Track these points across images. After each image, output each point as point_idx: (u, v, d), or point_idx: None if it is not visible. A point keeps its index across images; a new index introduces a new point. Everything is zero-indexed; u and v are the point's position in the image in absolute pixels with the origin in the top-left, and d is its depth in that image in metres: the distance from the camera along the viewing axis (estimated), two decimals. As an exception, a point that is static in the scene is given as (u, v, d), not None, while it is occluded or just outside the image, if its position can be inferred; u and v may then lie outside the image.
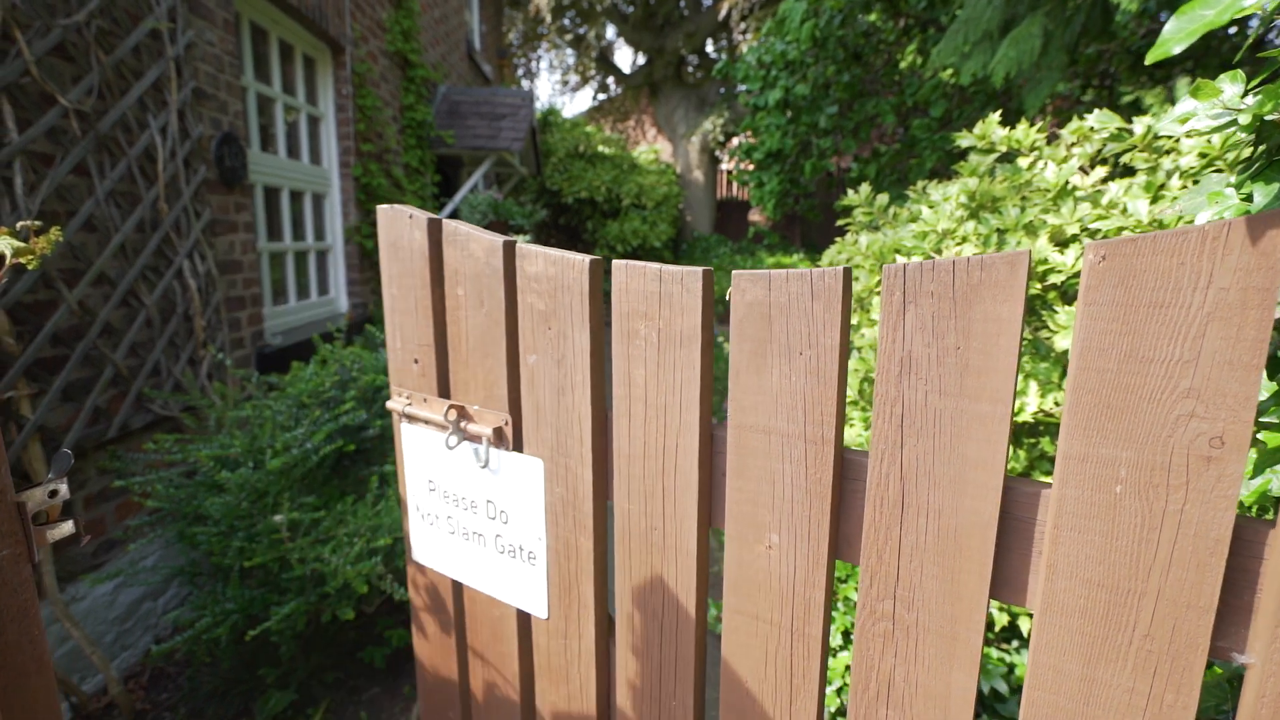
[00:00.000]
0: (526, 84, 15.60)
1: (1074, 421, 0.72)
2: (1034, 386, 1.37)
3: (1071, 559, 0.74)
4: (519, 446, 1.17)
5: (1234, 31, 4.66)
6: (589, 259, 1.02)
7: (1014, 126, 1.78)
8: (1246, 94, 0.70)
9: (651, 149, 12.45)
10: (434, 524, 1.32)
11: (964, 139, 1.76)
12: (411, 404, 1.27)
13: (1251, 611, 0.67)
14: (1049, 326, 1.39)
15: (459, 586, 1.35)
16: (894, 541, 0.85)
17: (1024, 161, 1.68)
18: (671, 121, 13.00)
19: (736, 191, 15.21)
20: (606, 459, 1.11)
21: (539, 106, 11.18)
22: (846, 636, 1.56)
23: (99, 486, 2.30)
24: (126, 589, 2.39)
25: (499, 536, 1.22)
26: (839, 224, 2.38)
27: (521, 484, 1.17)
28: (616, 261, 1.00)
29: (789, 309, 0.88)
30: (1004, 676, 1.41)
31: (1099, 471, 0.71)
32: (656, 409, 1.01)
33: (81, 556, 2.22)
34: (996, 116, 1.73)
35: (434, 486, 1.30)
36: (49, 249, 0.68)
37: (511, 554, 1.22)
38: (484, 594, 1.30)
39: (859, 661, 0.91)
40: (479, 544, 1.25)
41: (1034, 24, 3.72)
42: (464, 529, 1.27)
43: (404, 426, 1.31)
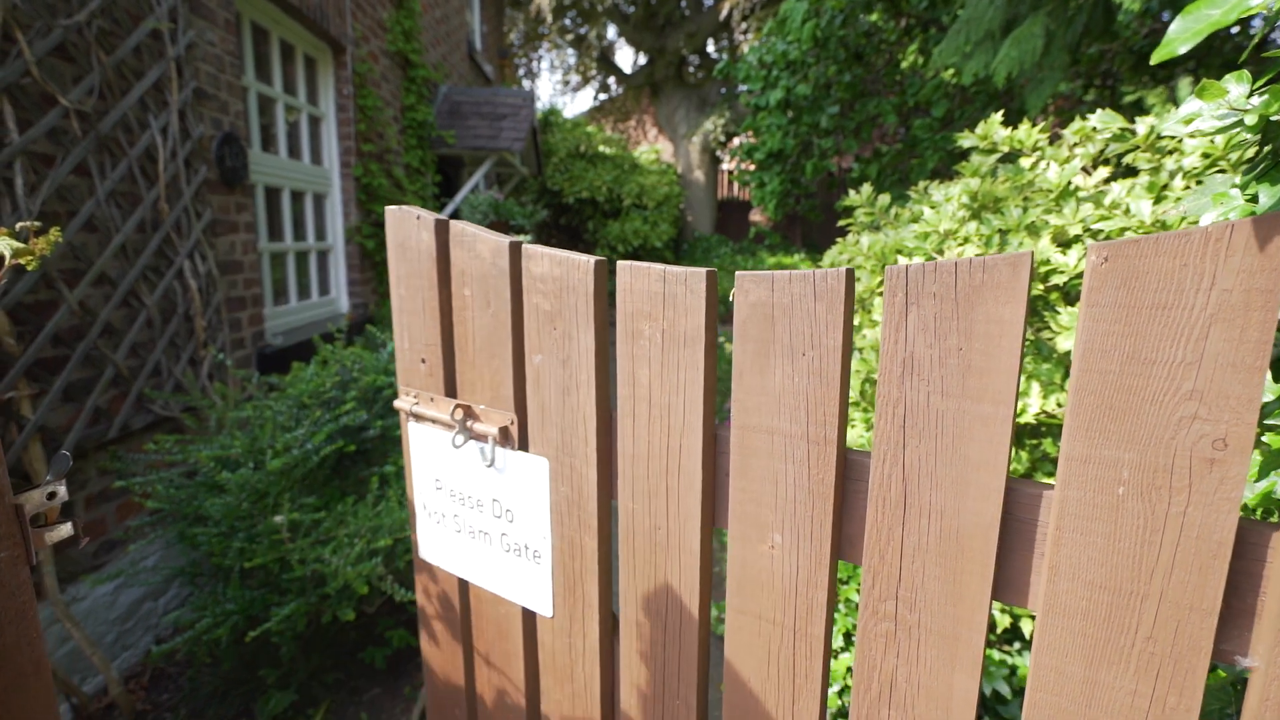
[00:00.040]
0: (527, 84, 15.61)
1: (1076, 423, 0.72)
2: (1036, 388, 1.37)
3: (1074, 561, 0.74)
4: (524, 446, 1.18)
5: (1236, 31, 4.66)
6: (594, 260, 1.03)
7: (1016, 127, 1.78)
8: (1252, 94, 0.69)
9: (652, 149, 12.45)
10: (440, 522, 1.33)
11: (966, 139, 1.76)
12: (419, 403, 1.28)
13: (1255, 614, 0.67)
14: (1051, 327, 1.39)
15: (465, 584, 1.35)
16: (896, 542, 0.85)
17: (1026, 162, 1.68)
18: (673, 121, 13.00)
19: (738, 191, 15.21)
20: (611, 458, 1.11)
21: (540, 106, 11.18)
22: (847, 638, 1.56)
23: (100, 487, 2.30)
24: (127, 589, 2.39)
25: (505, 535, 1.23)
26: (840, 224, 2.38)
27: (527, 483, 1.17)
28: (621, 262, 1.00)
29: (792, 310, 0.88)
30: (1006, 678, 1.40)
31: (1101, 473, 0.71)
32: (660, 409, 1.01)
33: (82, 557, 2.22)
34: (999, 117, 1.73)
35: (440, 485, 1.30)
36: (48, 250, 0.67)
37: (517, 552, 1.22)
38: (489, 592, 1.30)
39: (861, 662, 0.91)
40: (485, 542, 1.26)
41: (1036, 24, 3.72)
42: (470, 527, 1.27)
43: (411, 425, 1.32)
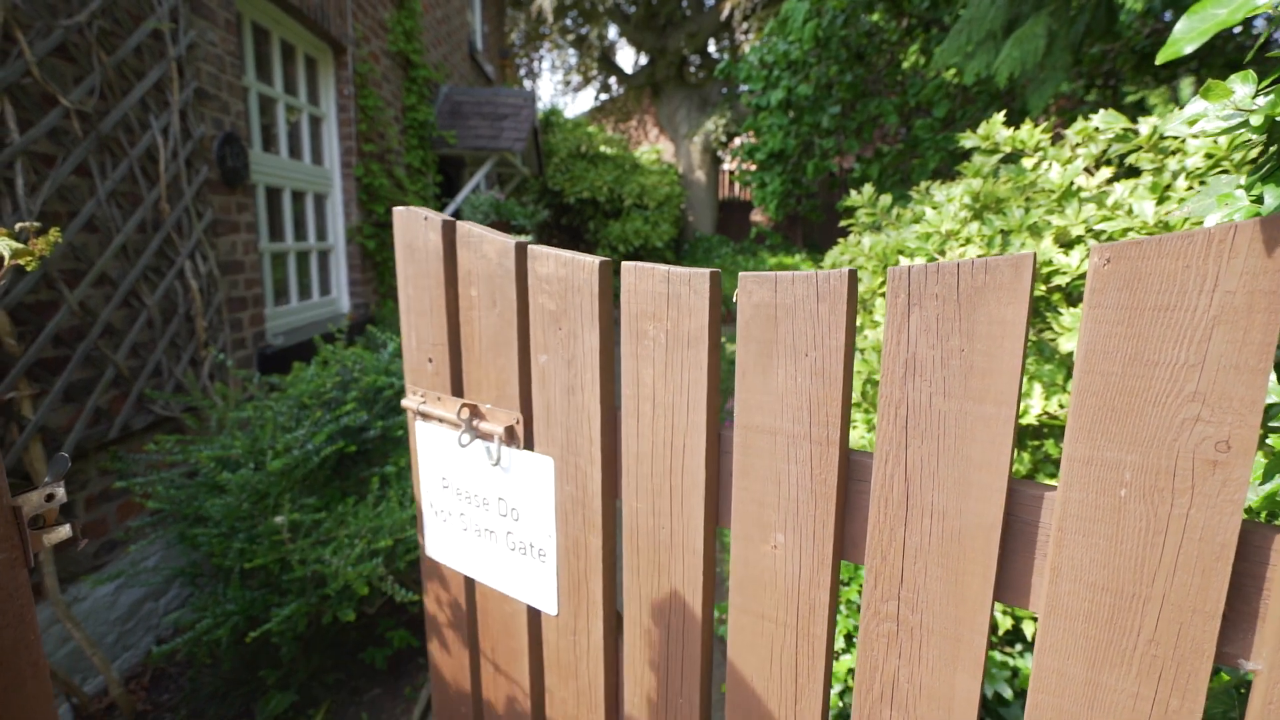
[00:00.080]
0: (528, 84, 15.61)
1: (1079, 424, 0.72)
2: (1038, 389, 1.37)
3: (1076, 562, 0.74)
4: (530, 445, 1.19)
5: (1239, 31, 4.65)
6: (599, 260, 1.03)
7: (1018, 127, 1.78)
8: (1258, 94, 0.69)
9: (653, 149, 12.45)
10: (447, 521, 1.33)
11: (968, 139, 1.76)
12: (426, 402, 1.29)
13: (1258, 617, 0.67)
14: (1053, 328, 1.38)
15: (471, 582, 1.36)
16: (898, 543, 0.85)
17: (1028, 162, 1.68)
18: (674, 122, 13.00)
19: (739, 192, 15.21)
20: (615, 458, 1.11)
21: (541, 107, 11.19)
22: (848, 639, 1.56)
23: (100, 487, 2.30)
24: (128, 590, 2.39)
25: (510, 534, 1.24)
26: (841, 225, 2.38)
27: (532, 482, 1.18)
28: (626, 263, 1.01)
29: (795, 311, 0.88)
30: (1008, 680, 1.40)
31: (1104, 475, 0.71)
32: (664, 409, 1.02)
33: (83, 557, 2.22)
34: (1001, 117, 1.73)
35: (447, 484, 1.31)
36: (48, 250, 0.67)
37: (522, 551, 1.23)
38: (495, 590, 1.31)
39: (863, 662, 0.91)
40: (490, 541, 1.27)
41: (1038, 24, 3.71)
42: (476, 526, 1.28)
43: (418, 424, 1.33)
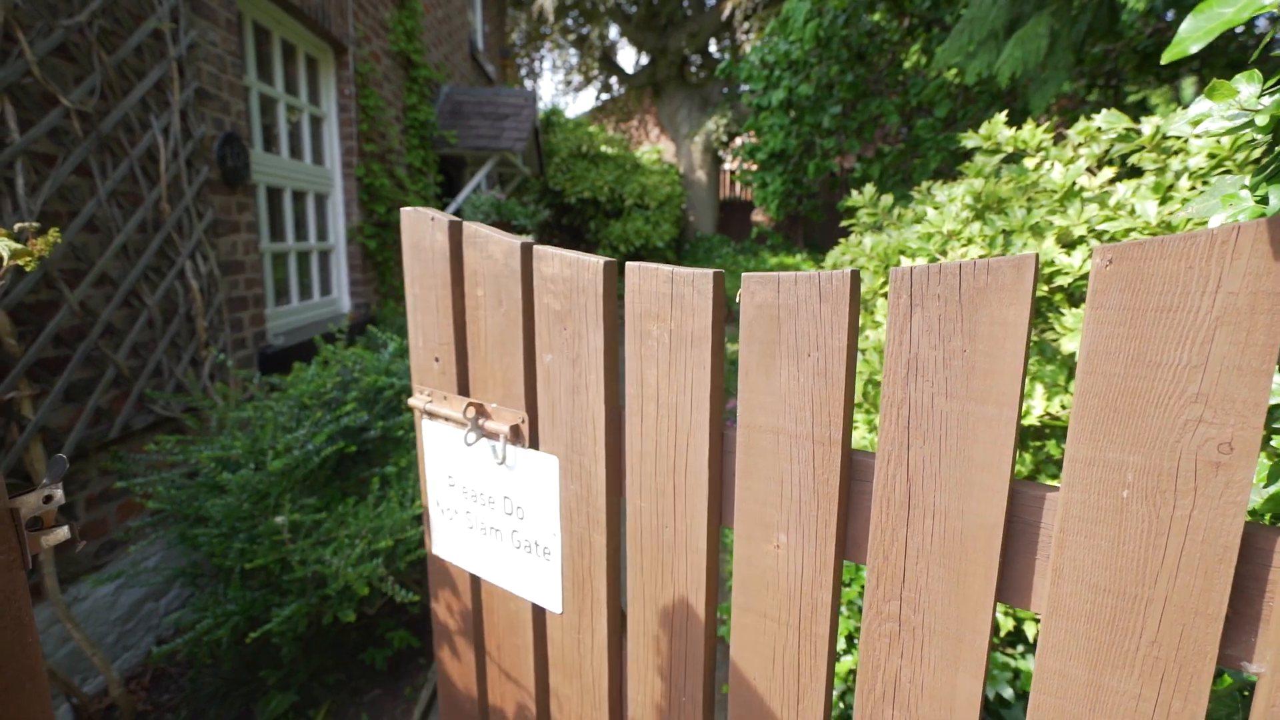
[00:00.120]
0: (529, 84, 15.62)
1: (1081, 425, 0.71)
2: (1040, 389, 1.36)
3: (1078, 563, 0.73)
4: (535, 444, 1.19)
5: (1241, 31, 4.64)
6: (603, 260, 1.04)
7: (1020, 127, 1.77)
8: (1263, 94, 0.69)
9: (654, 149, 12.45)
10: (453, 519, 1.34)
11: (969, 139, 1.75)
12: (432, 401, 1.30)
13: (1261, 620, 0.66)
14: (1055, 329, 1.38)
15: (477, 580, 1.37)
16: (900, 543, 0.85)
17: (1030, 162, 1.67)
18: (674, 121, 13.00)
19: (739, 192, 15.21)
20: (619, 457, 1.12)
21: (542, 106, 11.18)
22: (849, 641, 1.55)
23: (101, 487, 2.30)
24: (128, 590, 2.39)
25: (515, 532, 1.25)
26: (843, 225, 2.37)
27: (537, 480, 1.19)
28: (630, 263, 1.01)
29: (797, 311, 0.88)
30: (1009, 682, 1.40)
31: (1106, 476, 0.71)
32: (668, 408, 1.02)
33: (83, 557, 2.22)
34: (1003, 117, 1.72)
35: (453, 482, 1.32)
36: (47, 251, 0.67)
37: (527, 549, 1.24)
38: (500, 588, 1.32)
39: (865, 662, 0.91)
40: (496, 539, 1.28)
41: (1040, 23, 3.71)
42: (482, 524, 1.29)
43: (425, 423, 1.34)
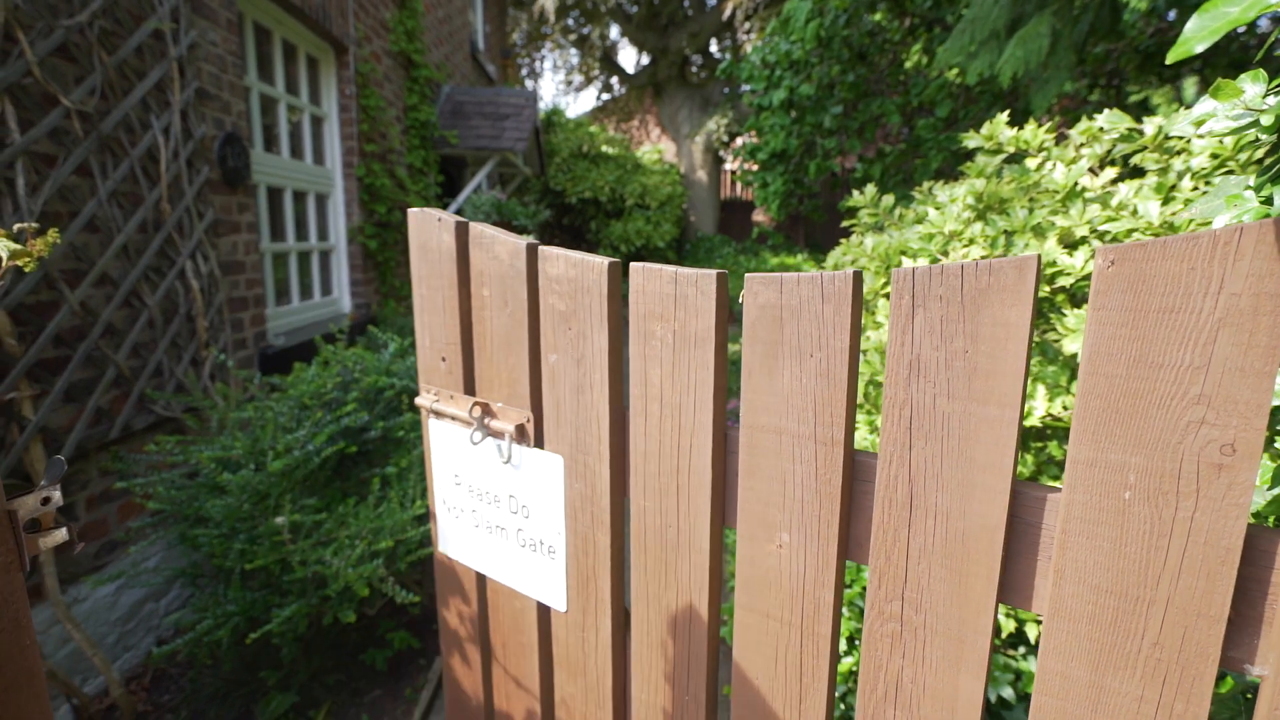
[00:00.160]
0: (530, 84, 15.61)
1: (1083, 426, 0.71)
2: (1042, 390, 1.36)
3: (1080, 564, 0.73)
4: (540, 443, 1.20)
5: (1242, 31, 4.63)
6: (608, 261, 1.04)
7: (1021, 127, 1.77)
8: (1268, 94, 0.68)
9: (655, 149, 12.44)
10: (459, 517, 1.35)
11: (971, 139, 1.75)
12: (439, 400, 1.31)
13: (1264, 622, 0.66)
14: (1057, 329, 1.38)
15: (482, 578, 1.38)
16: (902, 543, 0.85)
17: (1032, 162, 1.67)
18: (675, 121, 12.99)
19: (740, 192, 15.19)
20: (624, 457, 1.12)
21: (543, 106, 11.18)
22: (850, 642, 1.55)
23: (101, 487, 2.30)
24: (128, 590, 2.39)
25: (520, 531, 1.25)
26: (844, 225, 2.37)
27: (542, 480, 1.19)
28: (634, 264, 1.02)
29: (800, 312, 0.88)
30: (1010, 684, 1.39)
31: (1108, 477, 0.70)
32: (672, 408, 1.03)
33: (83, 558, 2.22)
34: (1004, 117, 1.71)
35: (459, 481, 1.33)
36: (46, 251, 0.67)
37: (532, 548, 1.24)
38: (506, 586, 1.32)
39: (867, 662, 0.91)
40: (502, 537, 1.28)
41: (1042, 23, 3.70)
42: (488, 523, 1.30)
43: (431, 422, 1.35)
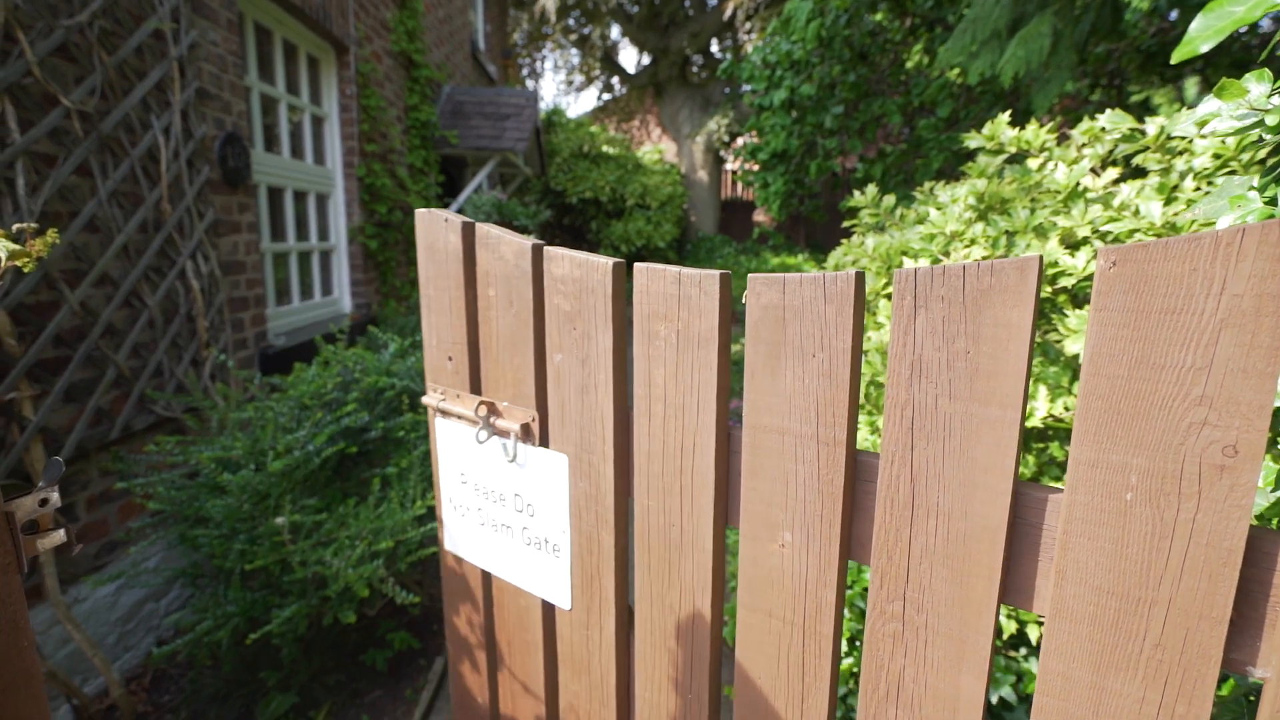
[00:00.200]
0: (531, 84, 15.61)
1: (1085, 427, 0.71)
2: (1043, 391, 1.36)
3: (1081, 565, 0.73)
4: (545, 442, 1.21)
5: (1244, 32, 4.63)
6: (612, 262, 1.05)
7: (1023, 127, 1.77)
8: (1273, 94, 0.68)
9: (656, 149, 12.44)
10: (465, 515, 1.36)
11: (972, 140, 1.74)
12: (445, 399, 1.32)
13: (1266, 624, 0.66)
14: (1059, 330, 1.37)
15: (488, 576, 1.39)
16: (904, 543, 0.85)
17: (1034, 163, 1.66)
18: (676, 122, 12.99)
19: (741, 192, 15.19)
20: (628, 456, 1.13)
21: (543, 106, 11.19)
22: (850, 643, 1.55)
23: (101, 488, 2.30)
24: (129, 590, 2.39)
25: (526, 529, 1.26)
26: (845, 225, 2.37)
27: (547, 478, 1.20)
28: (638, 265, 1.02)
29: (803, 312, 0.88)
30: (1012, 685, 1.39)
31: (1109, 478, 0.70)
32: (675, 408, 1.03)
33: (83, 558, 2.22)
34: (1006, 117, 1.71)
35: (465, 479, 1.34)
36: (45, 252, 0.67)
37: (537, 546, 1.25)
38: (511, 584, 1.33)
39: (869, 662, 0.91)
40: (507, 536, 1.29)
41: (1043, 23, 3.70)
42: (493, 521, 1.31)
43: (438, 421, 1.36)
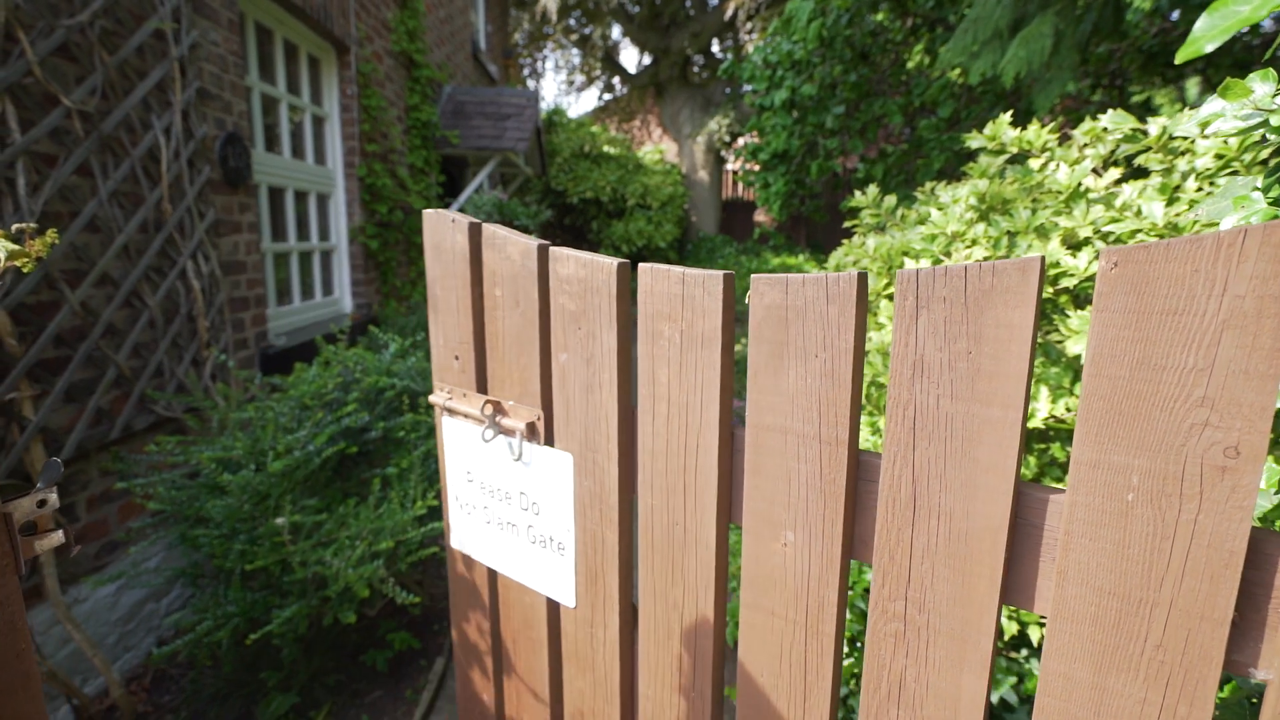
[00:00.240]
0: (532, 84, 15.61)
1: (1086, 428, 0.71)
2: (1045, 392, 1.35)
3: (1083, 566, 0.73)
4: (550, 441, 1.21)
5: (1245, 32, 4.62)
6: (617, 262, 1.05)
7: (1024, 127, 1.76)
8: (1278, 94, 0.68)
9: (657, 149, 12.43)
10: (471, 513, 1.37)
11: (974, 140, 1.74)
12: (452, 398, 1.33)
13: (1268, 626, 0.66)
14: (1060, 331, 1.37)
15: (494, 574, 1.40)
16: (906, 543, 0.85)
17: (1035, 163, 1.66)
18: (677, 122, 12.98)
19: (742, 192, 15.19)
20: (632, 455, 1.14)
21: (544, 106, 11.19)
22: (851, 644, 1.55)
23: (101, 488, 2.30)
24: (129, 591, 2.39)
25: (531, 527, 1.27)
26: (846, 225, 2.37)
27: (552, 477, 1.21)
28: (643, 265, 1.03)
29: (805, 313, 0.89)
30: (1013, 686, 1.39)
31: (1111, 479, 0.70)
32: (679, 407, 1.03)
33: (84, 558, 2.22)
34: (1007, 117, 1.70)
35: (472, 477, 1.35)
36: (44, 252, 0.67)
37: (542, 544, 1.26)
38: (516, 581, 1.34)
39: (870, 661, 0.91)
40: (512, 533, 1.30)
41: (1045, 23, 3.69)
42: (499, 519, 1.32)
43: (445, 419, 1.37)
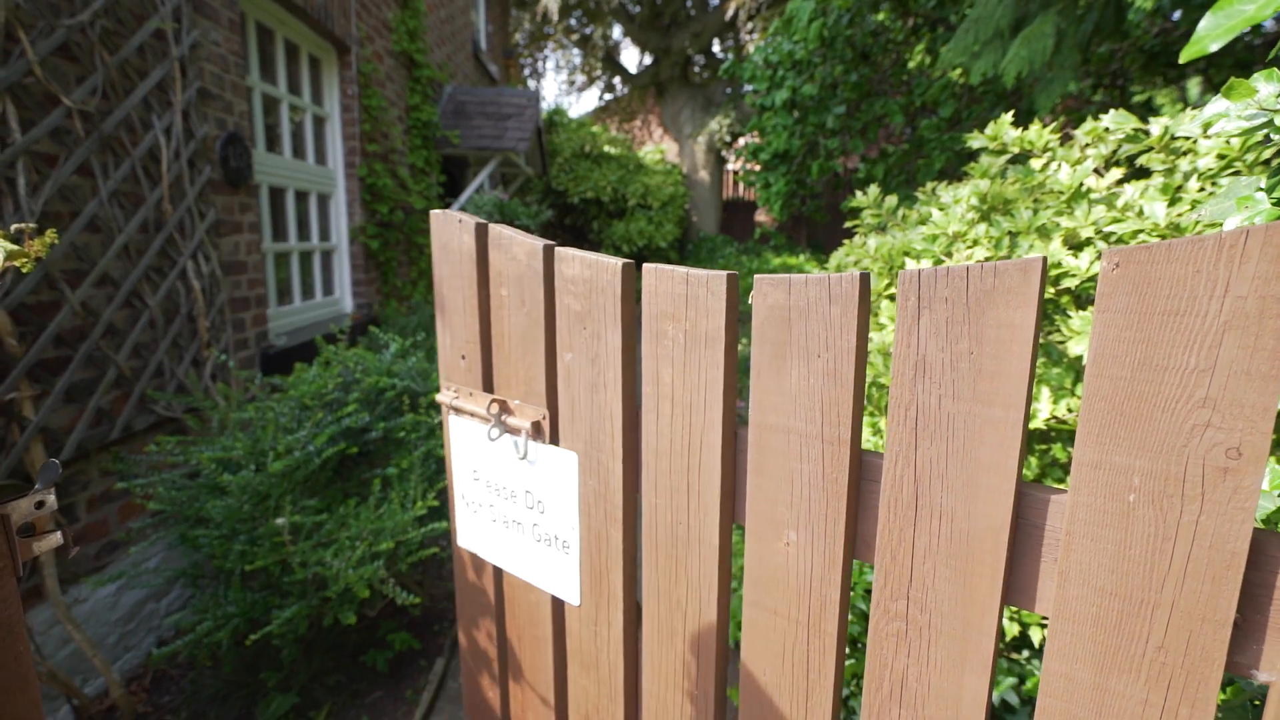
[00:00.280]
0: (532, 84, 15.62)
1: (1088, 429, 0.71)
2: (1046, 392, 1.35)
3: (1084, 566, 0.73)
4: (555, 440, 1.22)
5: (1247, 32, 4.62)
6: (622, 262, 1.06)
7: (1025, 127, 1.76)
8: (1283, 94, 0.67)
9: (657, 149, 12.43)
10: (477, 511, 1.38)
11: (975, 140, 1.73)
12: (458, 397, 1.35)
13: (1270, 627, 0.66)
14: (1062, 331, 1.37)
15: (499, 572, 1.41)
16: (908, 542, 0.85)
17: (1037, 163, 1.66)
18: (678, 122, 12.98)
19: (742, 192, 15.18)
20: (636, 454, 1.14)
21: (545, 106, 11.19)
22: (852, 644, 1.55)
23: (102, 488, 2.30)
24: (129, 591, 2.39)
25: (536, 525, 1.28)
26: (846, 225, 2.37)
27: (557, 476, 1.22)
28: (647, 265, 1.03)
29: (808, 313, 0.89)
30: (1014, 687, 1.39)
31: (1113, 479, 0.70)
32: (683, 407, 1.04)
33: (84, 558, 2.22)
34: (1009, 117, 1.70)
35: (478, 476, 1.36)
36: (44, 252, 0.67)
37: (547, 542, 1.27)
38: (521, 580, 1.35)
39: (872, 661, 0.92)
40: (518, 531, 1.31)
41: (1046, 23, 3.69)
42: (505, 517, 1.33)
43: (451, 418, 1.38)
